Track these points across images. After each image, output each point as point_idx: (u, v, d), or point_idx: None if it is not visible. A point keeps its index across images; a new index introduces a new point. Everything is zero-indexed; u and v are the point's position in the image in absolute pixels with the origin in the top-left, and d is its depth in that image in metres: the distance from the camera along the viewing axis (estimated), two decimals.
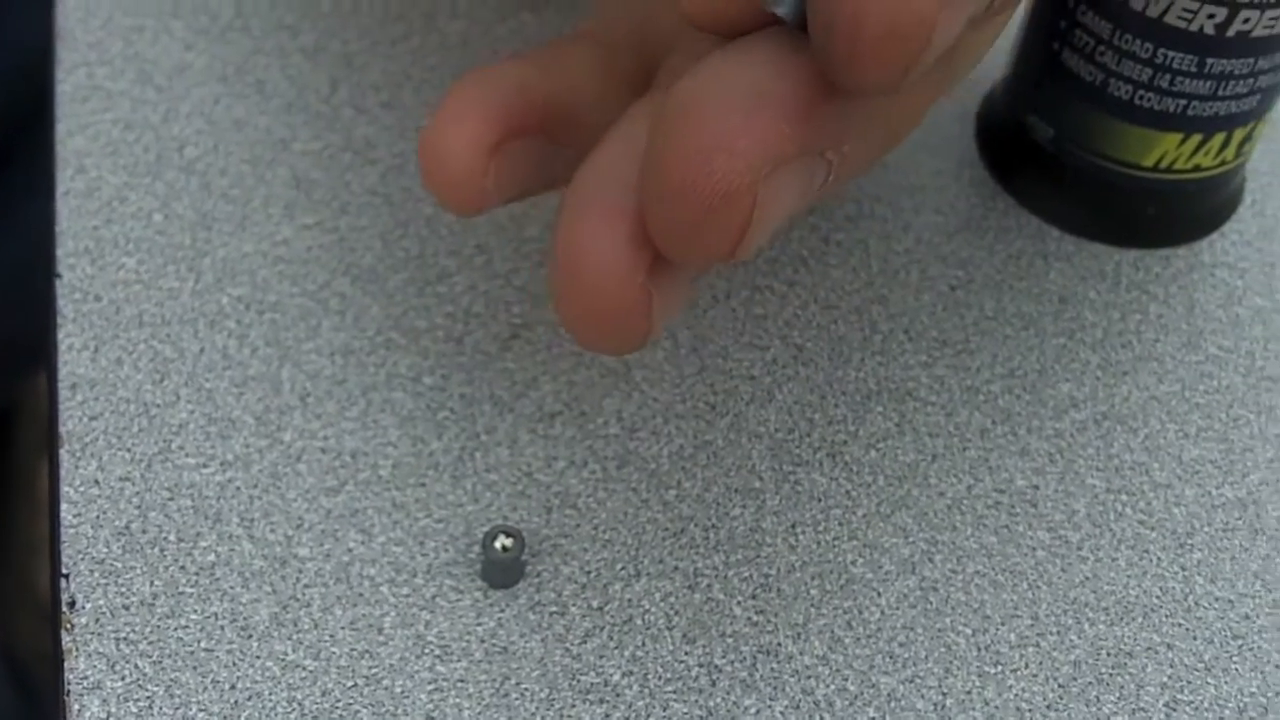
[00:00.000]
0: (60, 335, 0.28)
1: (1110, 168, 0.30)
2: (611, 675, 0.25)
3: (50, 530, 0.26)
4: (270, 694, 0.24)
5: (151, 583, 0.25)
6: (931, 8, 0.17)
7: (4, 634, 0.59)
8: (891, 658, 0.25)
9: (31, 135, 0.56)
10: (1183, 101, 0.29)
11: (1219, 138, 0.30)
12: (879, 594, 0.26)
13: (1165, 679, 0.26)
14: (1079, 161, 0.30)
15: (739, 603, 0.26)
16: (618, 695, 0.24)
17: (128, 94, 0.31)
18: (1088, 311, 0.30)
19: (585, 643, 0.25)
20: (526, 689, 0.24)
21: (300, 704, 0.24)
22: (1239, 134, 0.30)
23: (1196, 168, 0.30)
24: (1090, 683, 0.25)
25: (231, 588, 0.25)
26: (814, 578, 0.26)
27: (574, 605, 0.25)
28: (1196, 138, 0.30)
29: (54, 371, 0.27)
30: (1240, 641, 0.26)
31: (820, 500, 0.27)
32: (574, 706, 0.24)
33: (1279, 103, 0.31)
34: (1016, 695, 0.25)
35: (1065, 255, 0.31)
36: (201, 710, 0.24)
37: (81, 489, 0.26)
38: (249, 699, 0.24)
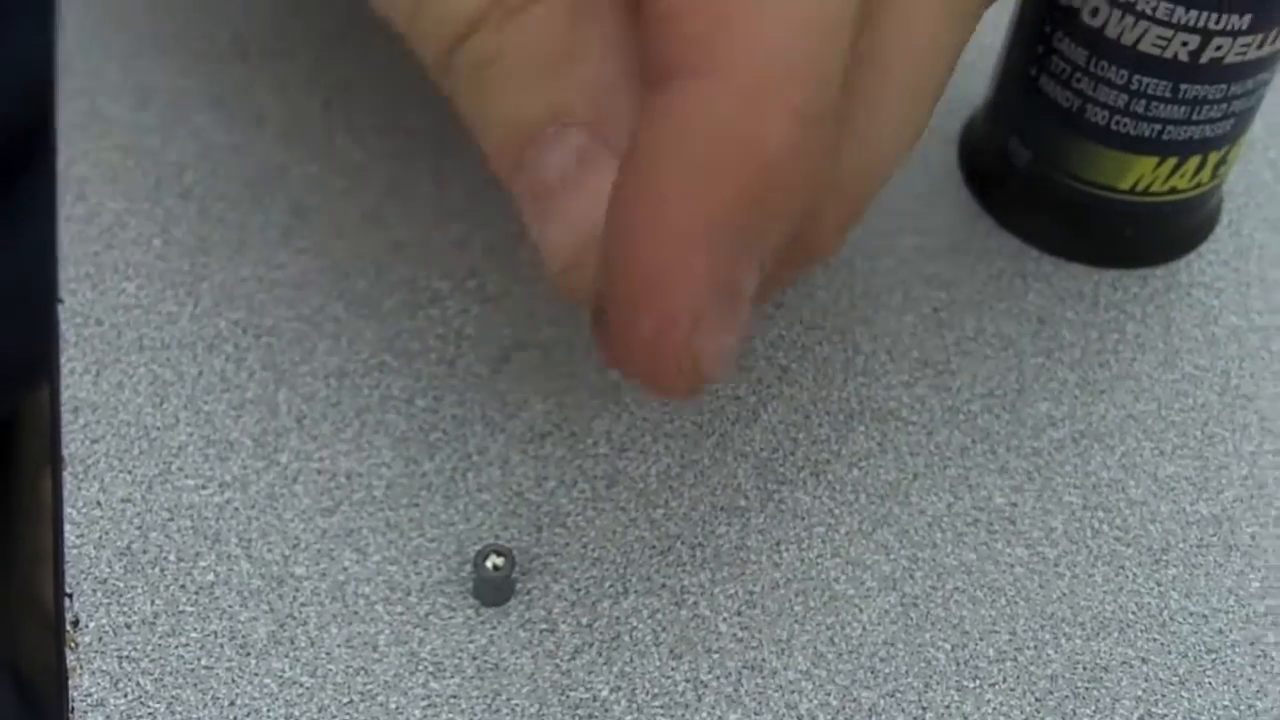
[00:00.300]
0: (62, 359, 0.28)
1: (1088, 190, 0.31)
2: (600, 691, 0.25)
3: (54, 550, 0.26)
4: (268, 710, 0.25)
5: (153, 602, 0.26)
6: (679, 356, 0.21)
7: (10, 646, 0.60)
8: (873, 672, 0.26)
9: (36, 148, 0.57)
10: (1158, 126, 0.30)
11: (1194, 161, 0.30)
12: (861, 610, 0.27)
13: (1140, 693, 0.26)
14: (1057, 184, 0.31)
15: (724, 619, 0.26)
16: (606, 710, 0.25)
17: (127, 120, 0.32)
18: (1066, 331, 0.31)
19: (574, 659, 0.26)
20: (517, 704, 0.25)
21: None
22: (1214, 157, 0.31)
23: (1172, 190, 0.31)
24: (1066, 696, 0.26)
25: (230, 606, 0.26)
26: (797, 594, 0.27)
27: (563, 622, 0.26)
28: (1172, 161, 0.30)
29: (56, 394, 0.28)
30: (1214, 656, 0.27)
31: (804, 518, 0.28)
32: None
33: (1252, 126, 0.32)
34: (994, 709, 0.26)
35: (1045, 276, 0.32)
36: None
37: (84, 510, 0.27)
38: (248, 715, 0.25)
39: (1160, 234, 0.32)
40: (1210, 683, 0.26)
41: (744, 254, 0.20)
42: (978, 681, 0.26)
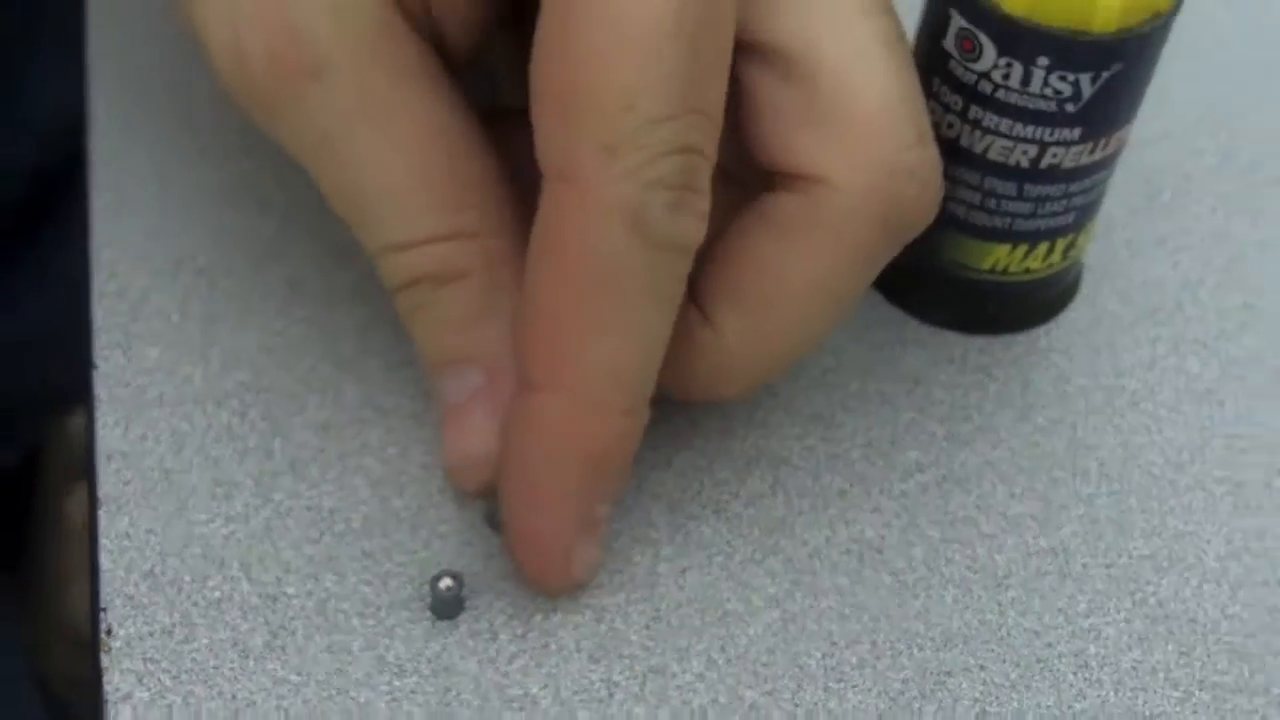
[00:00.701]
0: (97, 415, 0.34)
1: (954, 272, 0.37)
2: (532, 689, 0.31)
3: (90, 573, 0.32)
4: (263, 703, 0.31)
5: (170, 615, 0.31)
6: (559, 577, 0.31)
7: (39, 661, 0.64)
8: (755, 675, 0.31)
9: (63, 193, 0.61)
10: (1008, 219, 0.35)
11: (1044, 246, 0.36)
12: (748, 625, 0.32)
13: (977, 694, 0.32)
14: (929, 265, 0.37)
15: (635, 631, 0.32)
16: (535, 704, 0.31)
17: (151, 209, 0.38)
18: (937, 390, 0.36)
19: (511, 663, 0.31)
20: (465, 699, 0.31)
21: (286, 711, 0.30)
22: (1061, 243, 0.36)
23: (1027, 270, 0.37)
24: (915, 697, 0.32)
25: (233, 619, 0.32)
26: (697, 611, 0.32)
27: (503, 633, 0.32)
28: (1024, 247, 0.36)
29: (93, 444, 0.34)
30: (1042, 665, 0.32)
31: (706, 549, 0.33)
32: (501, 714, 0.31)
33: (1110, 209, 0.38)
34: (854, 706, 0.31)
35: (921, 342, 0.37)
36: (210, 715, 0.30)
37: (115, 540, 0.32)
38: (247, 706, 0.30)
39: (1019, 307, 0.38)
40: (1038, 687, 0.32)
41: (596, 501, 0.29)
42: (842, 684, 0.32)
